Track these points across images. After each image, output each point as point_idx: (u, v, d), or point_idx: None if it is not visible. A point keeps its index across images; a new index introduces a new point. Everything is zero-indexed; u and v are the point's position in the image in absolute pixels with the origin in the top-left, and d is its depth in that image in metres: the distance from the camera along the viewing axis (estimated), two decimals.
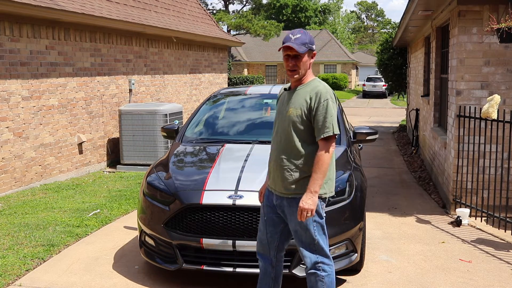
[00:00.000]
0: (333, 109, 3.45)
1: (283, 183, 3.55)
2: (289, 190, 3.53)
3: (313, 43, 3.56)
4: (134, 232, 6.03)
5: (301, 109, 3.49)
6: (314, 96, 3.47)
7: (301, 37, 3.48)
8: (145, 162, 9.82)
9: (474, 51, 6.48)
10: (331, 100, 3.46)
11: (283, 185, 3.55)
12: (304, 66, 3.51)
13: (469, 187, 6.60)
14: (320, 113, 3.43)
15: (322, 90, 3.48)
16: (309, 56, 3.54)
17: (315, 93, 3.47)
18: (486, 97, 6.41)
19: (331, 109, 3.44)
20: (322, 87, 3.51)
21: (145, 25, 10.98)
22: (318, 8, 69.38)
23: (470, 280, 4.69)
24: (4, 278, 4.70)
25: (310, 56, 3.56)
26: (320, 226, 3.55)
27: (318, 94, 3.46)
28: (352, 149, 5.48)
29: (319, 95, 3.46)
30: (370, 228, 6.08)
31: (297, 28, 3.67)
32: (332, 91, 3.55)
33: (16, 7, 7.51)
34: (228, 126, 6.00)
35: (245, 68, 51.86)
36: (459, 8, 6.44)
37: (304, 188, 3.44)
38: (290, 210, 3.56)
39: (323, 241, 3.56)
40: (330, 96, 3.47)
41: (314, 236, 3.51)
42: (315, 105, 3.45)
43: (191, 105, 14.44)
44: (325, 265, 3.56)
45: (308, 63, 3.55)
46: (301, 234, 3.55)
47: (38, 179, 8.54)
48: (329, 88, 3.54)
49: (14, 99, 7.98)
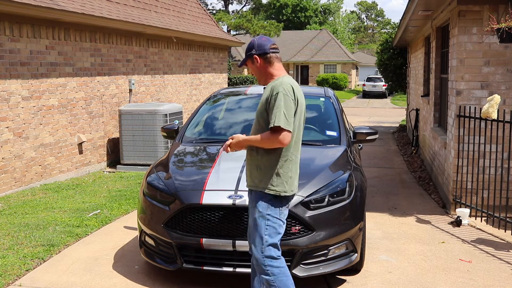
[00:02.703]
0: (282, 101, 3.45)
1: (250, 175, 3.67)
2: (254, 182, 3.64)
3: (253, 47, 3.66)
4: (134, 232, 6.03)
5: (263, 103, 3.61)
6: (269, 90, 3.56)
7: (246, 47, 3.72)
8: (145, 162, 9.82)
9: (474, 51, 6.48)
10: (283, 92, 3.47)
11: (251, 177, 3.67)
12: (256, 73, 3.71)
13: (469, 187, 6.60)
14: (271, 106, 3.49)
15: (276, 84, 3.54)
16: (252, 63, 3.69)
17: (270, 88, 3.56)
18: (486, 97, 6.41)
19: (278, 101, 3.45)
20: (277, 82, 3.57)
21: (145, 25, 10.98)
22: (318, 8, 69.42)
23: (470, 280, 4.69)
24: (4, 278, 4.70)
25: (252, 61, 3.69)
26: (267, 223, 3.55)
27: (272, 89, 3.54)
28: (352, 149, 5.48)
29: (272, 89, 3.53)
30: (370, 228, 6.08)
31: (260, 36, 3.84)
32: (289, 85, 3.55)
33: (16, 7, 7.51)
34: (228, 126, 6.00)
35: (245, 68, 51.85)
36: (459, 8, 6.44)
37: (262, 184, 3.54)
38: (251, 203, 3.67)
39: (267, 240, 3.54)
40: (283, 89, 3.49)
41: (263, 234, 3.53)
42: (269, 99, 3.53)
43: (191, 105, 14.44)
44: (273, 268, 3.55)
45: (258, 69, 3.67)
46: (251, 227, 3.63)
47: (38, 179, 8.54)
48: (285, 82, 3.55)
49: (14, 99, 7.98)
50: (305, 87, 7.66)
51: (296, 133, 3.59)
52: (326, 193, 4.40)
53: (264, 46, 3.63)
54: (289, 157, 3.56)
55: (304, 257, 4.26)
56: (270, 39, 3.73)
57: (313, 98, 6.58)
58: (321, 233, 4.25)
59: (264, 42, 3.65)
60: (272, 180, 3.53)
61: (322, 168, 4.76)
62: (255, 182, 3.59)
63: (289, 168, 3.56)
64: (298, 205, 4.25)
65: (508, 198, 6.25)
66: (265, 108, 3.54)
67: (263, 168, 3.55)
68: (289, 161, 3.56)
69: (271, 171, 3.53)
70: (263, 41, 3.66)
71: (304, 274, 4.26)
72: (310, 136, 5.68)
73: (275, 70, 3.66)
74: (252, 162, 3.64)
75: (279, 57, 3.72)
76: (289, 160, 3.56)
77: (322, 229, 4.26)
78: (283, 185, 3.54)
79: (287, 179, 3.56)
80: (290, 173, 3.57)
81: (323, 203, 4.35)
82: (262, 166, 3.56)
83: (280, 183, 3.53)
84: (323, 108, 6.21)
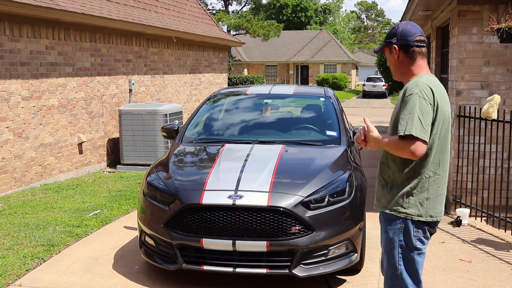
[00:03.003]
0: (416, 104, 2.83)
1: (377, 193, 3.14)
2: (381, 202, 3.09)
3: (394, 34, 3.03)
4: (134, 232, 6.03)
5: (397, 106, 3.00)
6: (403, 92, 2.96)
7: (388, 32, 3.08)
8: (145, 162, 9.82)
9: (474, 51, 6.48)
10: (418, 95, 2.85)
11: (377, 194, 3.14)
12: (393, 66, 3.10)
13: (469, 187, 6.60)
14: (402, 109, 2.89)
15: (411, 85, 2.93)
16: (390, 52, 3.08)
17: (404, 89, 2.97)
18: (486, 97, 6.41)
19: (412, 105, 2.84)
20: (413, 81, 2.96)
21: (145, 25, 10.98)
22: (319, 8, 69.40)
23: (470, 280, 4.69)
24: (4, 278, 4.70)
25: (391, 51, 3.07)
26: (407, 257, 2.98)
27: (406, 89, 2.94)
28: (352, 149, 5.48)
29: (406, 90, 2.94)
30: (370, 228, 6.08)
31: None
32: (426, 86, 2.91)
33: (16, 7, 7.51)
34: (228, 126, 6.00)
35: (245, 68, 51.88)
36: (459, 8, 6.44)
37: (395, 204, 2.97)
38: (381, 226, 3.12)
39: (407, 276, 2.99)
40: (418, 90, 2.87)
41: (397, 265, 2.98)
42: (402, 101, 2.93)
43: (191, 105, 14.44)
44: None
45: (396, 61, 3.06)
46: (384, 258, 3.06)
47: (38, 179, 8.54)
48: (421, 82, 2.91)
49: (14, 99, 7.98)
50: (305, 87, 7.67)
51: (437, 144, 2.93)
52: (326, 193, 4.40)
53: (408, 36, 2.99)
54: (425, 174, 2.93)
55: (304, 257, 4.26)
56: (418, 27, 3.05)
57: (313, 98, 6.59)
58: (321, 233, 4.25)
59: (409, 31, 3.00)
60: (404, 201, 2.95)
61: (322, 168, 4.77)
62: (383, 202, 3.07)
63: (424, 187, 2.94)
64: (298, 205, 4.25)
65: (508, 198, 6.25)
66: (397, 113, 2.96)
67: (393, 185, 2.99)
68: (424, 179, 2.93)
69: (402, 190, 2.96)
70: (408, 29, 3.01)
71: (304, 274, 4.26)
72: (310, 136, 5.69)
73: (416, 68, 3.02)
74: (382, 178, 3.09)
75: (423, 52, 3.04)
76: (425, 178, 2.93)
77: (322, 229, 4.26)
78: (416, 207, 2.94)
79: (422, 200, 2.94)
80: (426, 194, 2.94)
81: (323, 203, 4.35)
82: (392, 183, 3.00)
83: (413, 205, 2.94)
84: (323, 108, 6.22)
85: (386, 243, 3.03)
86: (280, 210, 4.21)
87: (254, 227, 4.21)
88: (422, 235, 2.97)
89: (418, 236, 2.95)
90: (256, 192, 4.32)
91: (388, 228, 3.00)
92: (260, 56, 52.72)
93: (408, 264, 2.97)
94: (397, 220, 2.97)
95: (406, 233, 2.95)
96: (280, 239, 4.19)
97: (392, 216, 2.98)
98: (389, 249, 3.00)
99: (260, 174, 4.56)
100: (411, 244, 2.95)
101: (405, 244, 2.96)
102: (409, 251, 2.96)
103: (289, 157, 5.06)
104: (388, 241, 3.01)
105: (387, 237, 3.01)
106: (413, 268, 2.98)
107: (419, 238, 2.96)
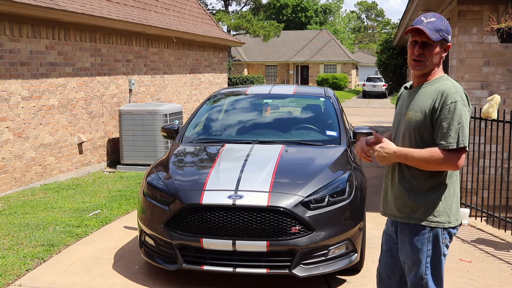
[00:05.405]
0: (463, 114, 2.72)
1: (396, 203, 2.94)
2: (402, 212, 2.90)
3: (449, 33, 2.85)
4: (134, 232, 6.03)
5: (423, 112, 2.80)
6: (440, 96, 2.77)
7: (435, 22, 2.80)
8: (145, 162, 9.82)
9: (474, 51, 6.48)
10: (461, 102, 2.73)
11: (395, 205, 2.94)
12: (434, 58, 2.82)
13: (469, 187, 6.60)
14: (444, 118, 2.73)
15: (450, 89, 2.76)
16: (441, 47, 2.84)
17: (441, 93, 2.77)
18: (486, 97, 6.42)
19: (459, 114, 2.71)
20: (450, 85, 2.80)
21: (145, 25, 10.98)
22: (319, 8, 69.42)
23: (470, 280, 4.69)
24: (4, 278, 4.70)
25: (443, 48, 2.85)
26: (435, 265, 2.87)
27: (444, 94, 2.76)
28: (352, 149, 5.48)
29: (445, 95, 2.75)
30: (370, 228, 6.08)
31: (431, 12, 2.94)
32: (463, 92, 2.80)
33: (16, 7, 7.51)
34: (228, 126, 6.00)
35: (245, 68, 51.87)
36: (459, 8, 6.44)
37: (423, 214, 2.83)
38: (402, 238, 2.93)
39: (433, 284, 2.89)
40: (460, 98, 2.74)
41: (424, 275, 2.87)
42: (439, 107, 2.75)
43: (191, 105, 14.44)
44: None
45: (439, 56, 2.84)
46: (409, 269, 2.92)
47: (38, 179, 8.54)
48: (459, 88, 2.80)
49: (14, 99, 7.98)
50: (305, 87, 7.67)
51: None
52: (326, 193, 4.40)
53: (450, 35, 2.87)
54: (452, 179, 2.86)
55: (304, 257, 4.26)
56: None
57: (313, 98, 6.59)
58: (321, 233, 4.25)
59: (450, 29, 2.87)
60: (434, 209, 2.82)
61: (322, 168, 4.77)
62: (405, 211, 2.88)
63: (450, 192, 2.85)
64: (298, 205, 4.25)
65: (508, 198, 6.25)
66: (430, 119, 2.77)
67: (418, 193, 2.84)
68: (450, 184, 2.85)
69: (429, 198, 2.82)
70: (449, 26, 2.87)
71: (304, 274, 4.26)
72: (310, 136, 5.69)
73: (440, 66, 2.91)
74: (400, 184, 2.89)
75: None
76: (450, 183, 2.85)
77: (322, 229, 4.26)
78: (446, 214, 2.83)
79: (450, 205, 2.85)
80: (453, 199, 2.86)
81: (323, 203, 4.35)
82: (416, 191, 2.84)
83: (443, 213, 2.83)
84: (323, 108, 6.22)
85: (412, 254, 2.88)
86: (280, 210, 4.21)
87: (254, 227, 4.21)
88: (449, 240, 2.89)
89: (445, 243, 2.87)
90: (256, 192, 4.32)
91: (415, 239, 2.85)
92: (260, 56, 52.71)
93: (435, 272, 2.89)
94: (425, 230, 2.83)
95: (435, 241, 2.84)
96: (280, 239, 4.19)
97: (420, 226, 2.84)
98: (415, 260, 2.87)
99: (260, 174, 4.56)
100: (439, 251, 2.86)
101: (433, 253, 2.86)
102: (436, 259, 2.87)
103: (289, 157, 5.06)
104: (415, 252, 2.87)
105: (414, 248, 2.86)
106: (440, 275, 2.91)
107: (446, 244, 2.88)
